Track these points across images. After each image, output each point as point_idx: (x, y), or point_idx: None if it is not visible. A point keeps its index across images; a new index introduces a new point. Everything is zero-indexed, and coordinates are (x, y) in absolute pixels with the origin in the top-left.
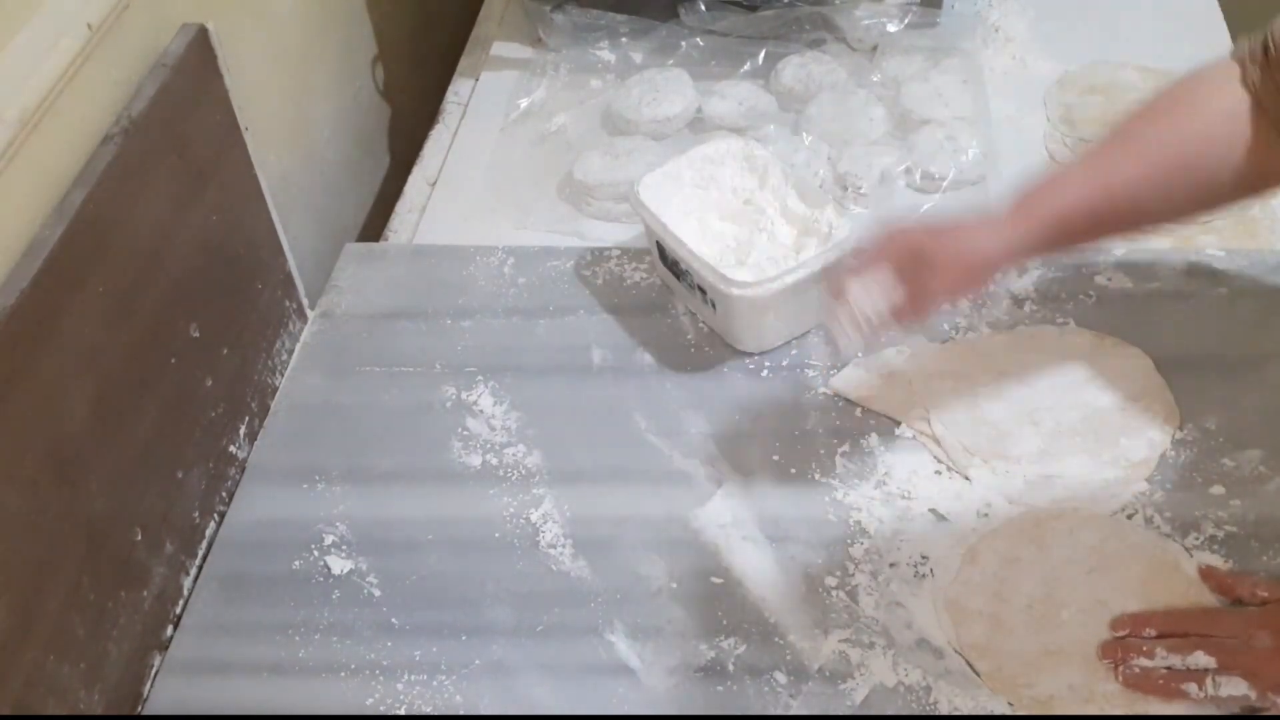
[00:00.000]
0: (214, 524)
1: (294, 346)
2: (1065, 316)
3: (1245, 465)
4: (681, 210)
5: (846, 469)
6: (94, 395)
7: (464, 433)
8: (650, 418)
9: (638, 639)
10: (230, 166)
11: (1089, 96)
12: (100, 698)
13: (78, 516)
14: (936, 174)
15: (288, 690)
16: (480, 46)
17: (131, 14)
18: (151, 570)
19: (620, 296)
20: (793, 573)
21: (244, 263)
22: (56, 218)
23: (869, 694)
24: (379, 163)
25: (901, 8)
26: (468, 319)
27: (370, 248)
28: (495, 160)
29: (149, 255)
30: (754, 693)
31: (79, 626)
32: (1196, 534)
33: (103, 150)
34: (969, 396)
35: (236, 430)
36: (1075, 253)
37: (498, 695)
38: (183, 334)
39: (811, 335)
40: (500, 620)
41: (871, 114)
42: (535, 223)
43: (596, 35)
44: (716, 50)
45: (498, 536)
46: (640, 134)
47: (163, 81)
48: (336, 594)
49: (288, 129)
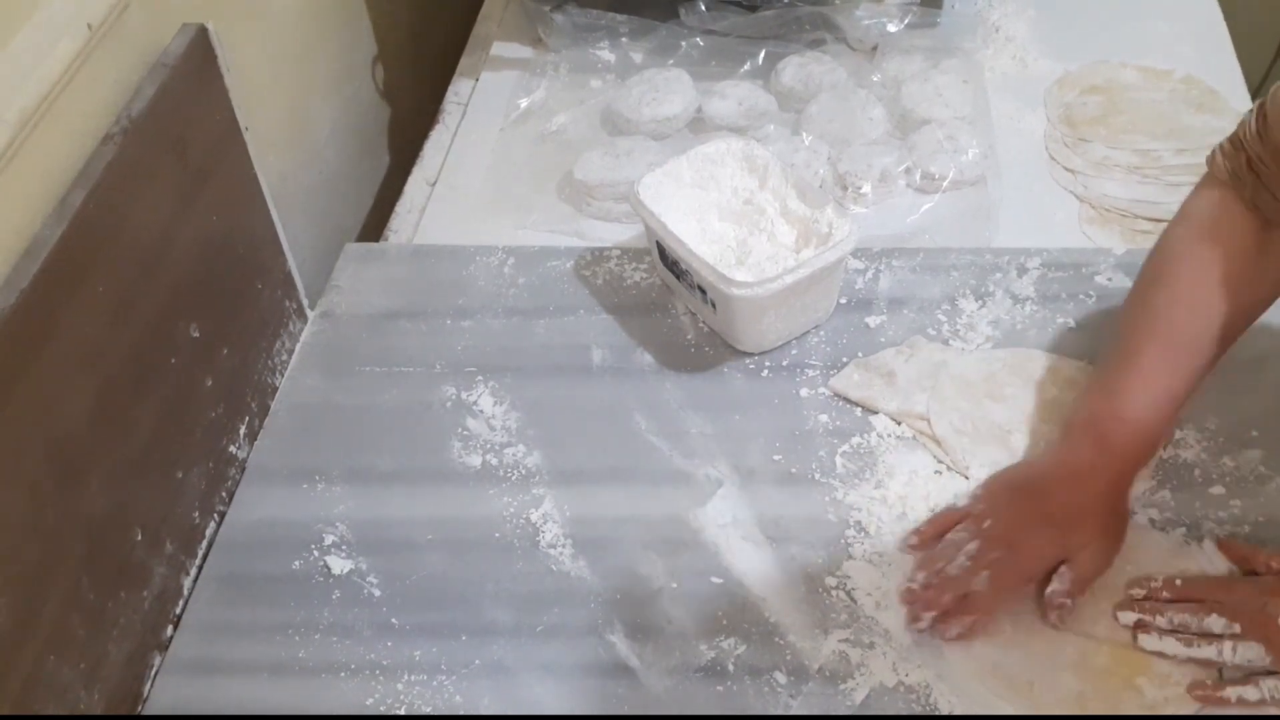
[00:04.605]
0: (214, 524)
1: (294, 346)
2: (1065, 316)
3: (1245, 465)
4: (681, 210)
5: (846, 469)
6: (94, 395)
7: (464, 433)
8: (650, 418)
9: (638, 639)
10: (230, 166)
11: (1089, 96)
12: (100, 698)
13: (78, 516)
14: (936, 174)
15: (288, 690)
16: (480, 46)
17: (131, 14)
18: (151, 570)
19: (620, 296)
20: (793, 573)
21: (244, 263)
22: (56, 218)
23: (869, 694)
24: (379, 163)
25: (901, 8)
26: (468, 319)
27: (370, 248)
28: (495, 160)
29: (149, 255)
30: (754, 693)
31: (79, 626)
32: (1197, 534)
33: (103, 150)
34: (969, 397)
35: (236, 430)
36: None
37: (498, 695)
38: (183, 334)
39: (811, 335)
40: (500, 620)
41: (871, 114)
42: (535, 223)
43: (596, 35)
44: (716, 50)
45: (498, 536)
46: (640, 134)
47: (163, 81)
48: (336, 594)
49: (288, 129)
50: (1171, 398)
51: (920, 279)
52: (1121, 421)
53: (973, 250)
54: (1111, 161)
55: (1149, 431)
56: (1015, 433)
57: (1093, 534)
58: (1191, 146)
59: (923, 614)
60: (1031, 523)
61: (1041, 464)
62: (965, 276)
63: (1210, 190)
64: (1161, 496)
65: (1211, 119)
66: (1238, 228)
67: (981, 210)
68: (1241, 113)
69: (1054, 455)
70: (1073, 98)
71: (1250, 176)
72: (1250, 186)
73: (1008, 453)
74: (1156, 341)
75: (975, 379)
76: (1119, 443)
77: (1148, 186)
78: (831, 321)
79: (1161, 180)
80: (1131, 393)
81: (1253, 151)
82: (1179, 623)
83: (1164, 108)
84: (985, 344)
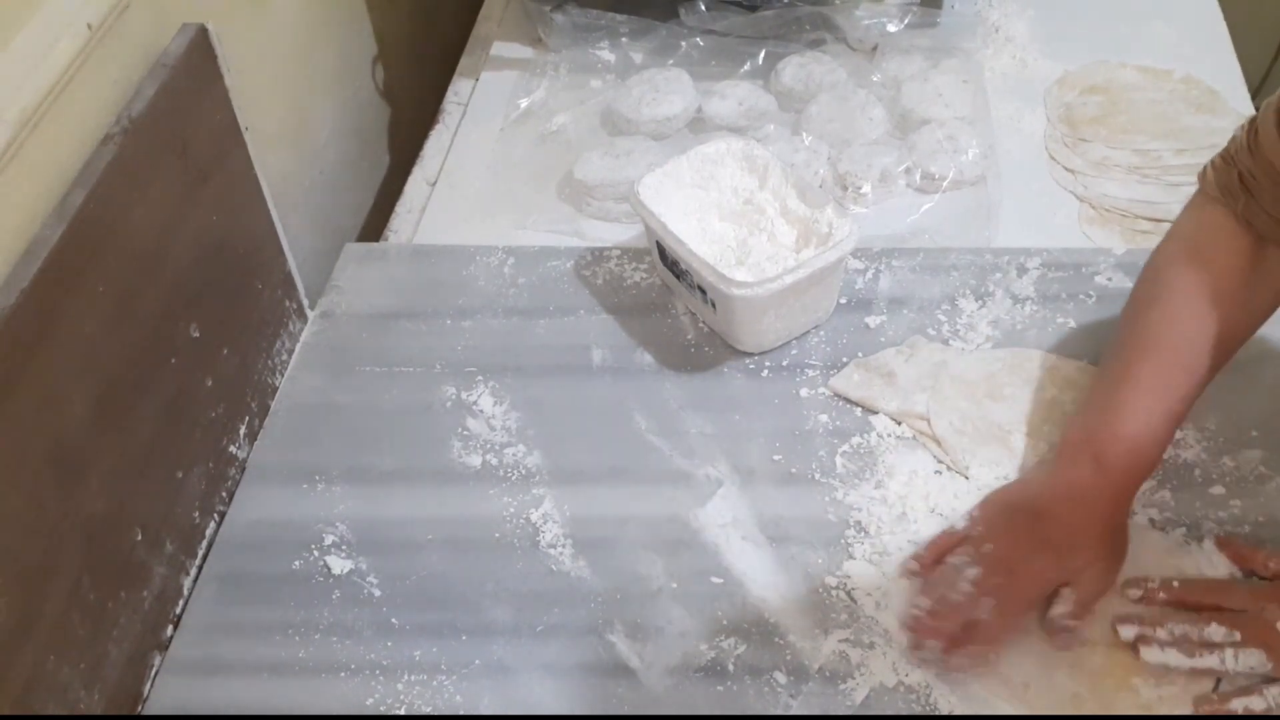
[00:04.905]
0: (214, 524)
1: (294, 346)
2: (1065, 316)
3: (1245, 465)
4: (681, 210)
5: (846, 469)
6: (94, 395)
7: (464, 433)
8: (650, 418)
9: (638, 639)
10: (230, 166)
11: (1089, 96)
12: (100, 698)
13: (78, 516)
14: (936, 174)
15: (288, 690)
16: (480, 46)
17: (131, 14)
18: (151, 570)
19: (620, 296)
20: (793, 573)
21: (244, 263)
22: (56, 218)
23: (869, 694)
24: (379, 163)
25: (901, 8)
26: (468, 319)
27: (370, 248)
28: (495, 160)
29: (149, 255)
30: (754, 693)
31: (79, 626)
32: (1196, 534)
33: (103, 150)
34: (969, 397)
35: (236, 430)
36: None
37: (498, 695)
38: (183, 334)
39: (811, 335)
40: (500, 620)
41: (871, 114)
42: (535, 223)
43: (596, 35)
44: (716, 50)
45: (498, 536)
46: (640, 134)
47: (163, 81)
48: (336, 594)
49: (288, 129)
50: (1169, 416)
51: (920, 279)
52: (1119, 440)
53: (973, 250)
54: (1111, 161)
55: (1147, 450)
56: (1015, 433)
57: (1094, 555)
58: (1191, 146)
59: (927, 643)
60: (1031, 546)
61: (1039, 483)
62: (965, 276)
63: (1202, 207)
64: (1161, 496)
65: (1211, 119)
66: (1230, 246)
67: (981, 210)
68: (1242, 113)
69: (1051, 474)
70: (1073, 98)
71: (1242, 192)
72: (1242, 202)
73: (1008, 453)
74: (1152, 361)
75: (975, 379)
76: (1117, 462)
77: (1148, 186)
78: (831, 321)
79: (1161, 180)
80: (1129, 412)
81: (1244, 167)
82: (1180, 634)
83: (1164, 108)
84: (985, 344)
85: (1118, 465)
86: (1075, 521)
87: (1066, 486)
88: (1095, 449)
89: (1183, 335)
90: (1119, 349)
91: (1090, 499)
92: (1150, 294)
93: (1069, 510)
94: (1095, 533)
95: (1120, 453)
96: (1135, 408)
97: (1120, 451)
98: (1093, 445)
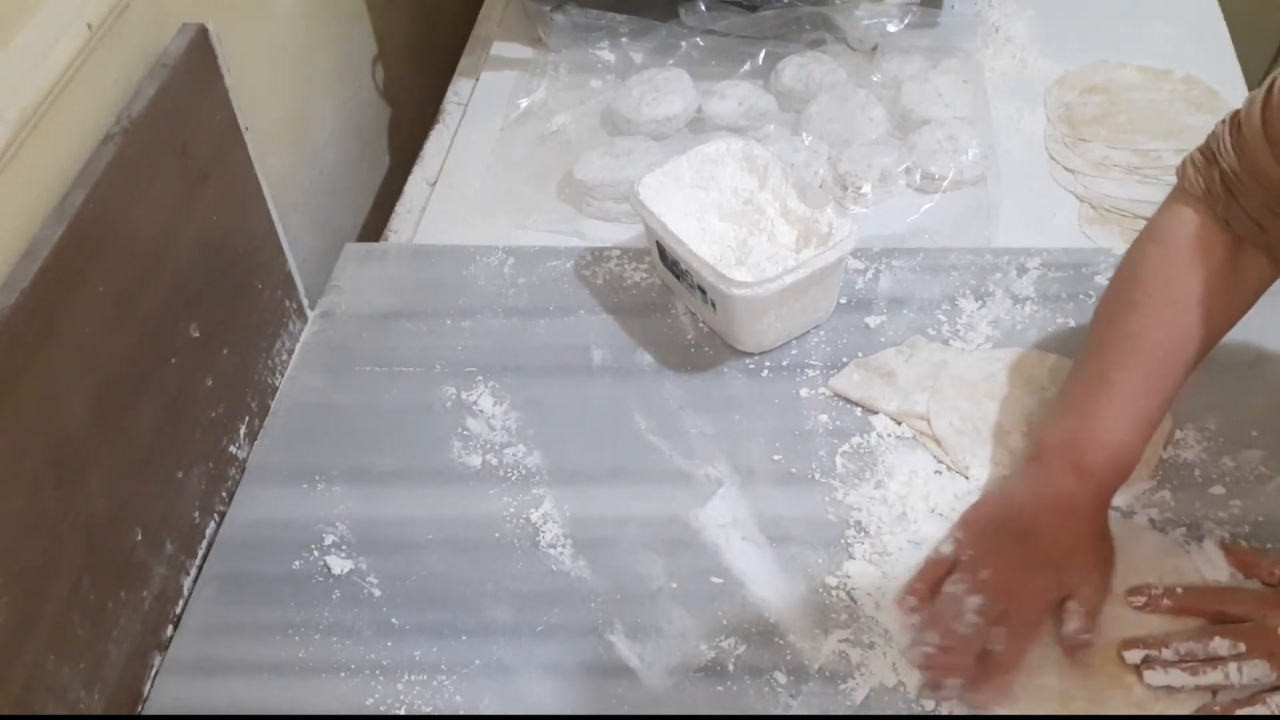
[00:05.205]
0: (214, 524)
1: (294, 346)
2: (1065, 316)
3: (1245, 465)
4: (681, 210)
5: (846, 469)
6: (94, 395)
7: (464, 433)
8: (650, 418)
9: (638, 639)
10: (230, 166)
11: (1089, 96)
12: (100, 698)
13: (78, 516)
14: (936, 174)
15: (288, 690)
16: (480, 46)
17: (131, 14)
18: (151, 570)
19: (620, 296)
20: (793, 573)
21: (244, 263)
22: (56, 218)
23: (869, 694)
24: (379, 163)
25: (901, 8)
26: (468, 319)
27: (370, 248)
28: (495, 160)
29: (149, 255)
30: (754, 693)
31: (79, 626)
32: (1197, 534)
33: (103, 150)
34: (969, 397)
35: (236, 430)
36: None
37: (498, 695)
38: (183, 334)
39: (811, 335)
40: (500, 620)
41: (871, 114)
42: (535, 223)
43: (596, 35)
44: (716, 50)
45: (498, 536)
46: (640, 134)
47: (163, 81)
48: (336, 594)
49: (288, 129)
50: (1147, 420)
51: (920, 279)
52: (1100, 447)
53: (973, 250)
54: (1111, 161)
55: (1126, 455)
56: (1015, 433)
57: (1089, 565)
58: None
59: (945, 681)
60: (1027, 566)
61: (1020, 495)
62: (965, 276)
63: (1181, 205)
64: (1161, 496)
65: (1211, 119)
66: (1209, 246)
67: (981, 210)
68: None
69: (1031, 484)
70: (1073, 98)
71: (1223, 192)
72: (1223, 202)
73: (1008, 453)
74: (1131, 364)
75: (975, 379)
76: (1098, 470)
77: (1148, 186)
78: (831, 321)
79: (1161, 180)
80: (1109, 417)
81: (1226, 165)
82: (1185, 651)
83: (1164, 108)
84: (985, 344)
85: (1099, 473)
86: (1065, 535)
87: (1050, 498)
88: (1076, 457)
89: (1162, 339)
90: (1097, 350)
91: (1077, 510)
92: (1128, 296)
93: (1057, 524)
94: (1087, 544)
95: (1101, 460)
96: (1116, 413)
97: (1102, 460)
98: (1073, 453)
